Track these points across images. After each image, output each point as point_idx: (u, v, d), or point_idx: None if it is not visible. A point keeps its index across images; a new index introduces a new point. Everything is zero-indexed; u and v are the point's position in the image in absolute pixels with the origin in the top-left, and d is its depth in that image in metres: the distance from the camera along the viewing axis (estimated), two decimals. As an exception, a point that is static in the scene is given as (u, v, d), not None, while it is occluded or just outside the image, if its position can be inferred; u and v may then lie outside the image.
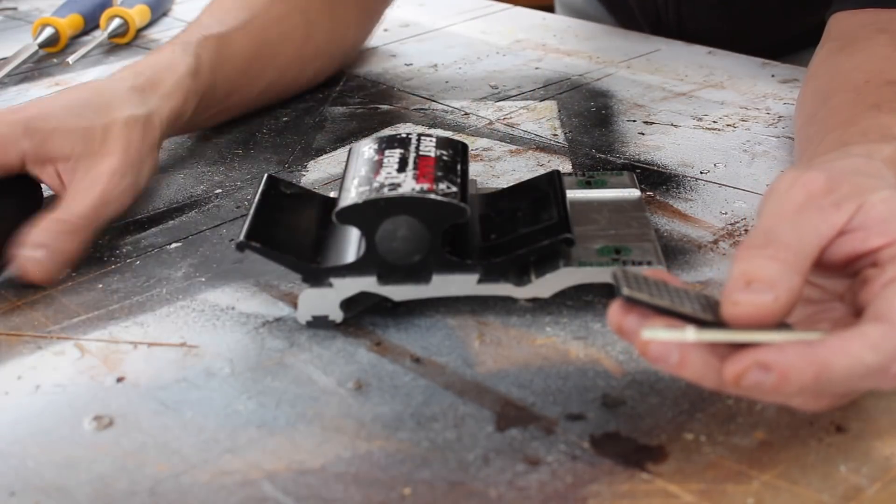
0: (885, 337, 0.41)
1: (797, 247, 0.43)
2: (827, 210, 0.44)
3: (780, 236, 0.43)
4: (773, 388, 0.40)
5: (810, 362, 0.40)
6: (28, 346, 0.54)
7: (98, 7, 1.03)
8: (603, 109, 0.81)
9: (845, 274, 0.46)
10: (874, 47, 0.66)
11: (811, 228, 0.44)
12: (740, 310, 0.42)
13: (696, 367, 0.42)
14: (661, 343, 0.41)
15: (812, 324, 0.46)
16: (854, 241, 0.44)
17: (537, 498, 0.43)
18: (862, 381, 0.42)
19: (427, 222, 0.52)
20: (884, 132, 0.55)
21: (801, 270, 0.43)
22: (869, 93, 0.61)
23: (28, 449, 0.47)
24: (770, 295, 0.41)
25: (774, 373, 0.40)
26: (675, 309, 0.42)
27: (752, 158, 0.72)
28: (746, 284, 0.42)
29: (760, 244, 0.43)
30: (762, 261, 0.42)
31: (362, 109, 0.83)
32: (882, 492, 0.43)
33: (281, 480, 0.44)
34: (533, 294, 0.54)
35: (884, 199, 0.45)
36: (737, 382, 0.41)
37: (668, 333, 0.41)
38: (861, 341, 0.41)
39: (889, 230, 0.44)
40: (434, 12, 1.07)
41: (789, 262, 0.43)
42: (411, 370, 0.51)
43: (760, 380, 0.40)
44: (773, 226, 0.44)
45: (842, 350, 0.40)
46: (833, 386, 0.41)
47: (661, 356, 0.42)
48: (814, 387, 0.41)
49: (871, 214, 0.44)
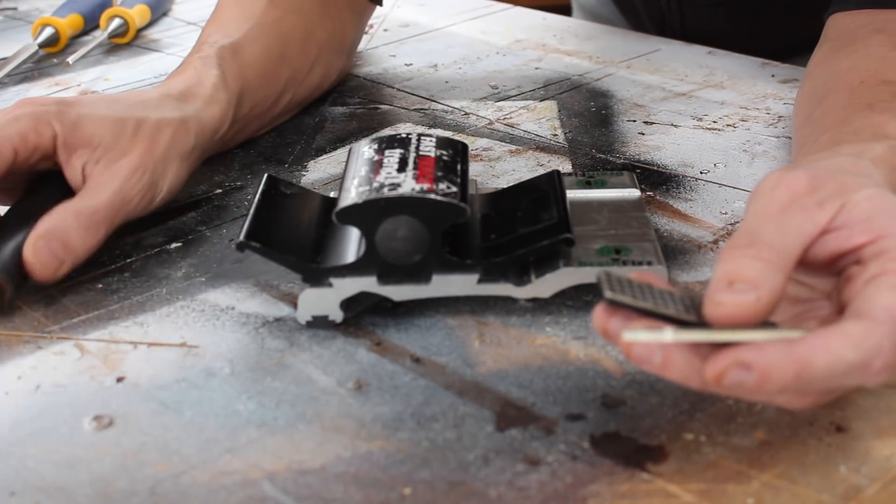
0: (867, 334, 0.41)
1: (780, 246, 0.43)
2: (810, 209, 0.45)
3: (764, 236, 0.44)
4: (754, 387, 0.40)
5: (791, 360, 0.40)
6: (28, 346, 0.54)
7: (98, 7, 1.03)
8: (603, 109, 0.81)
9: (831, 272, 0.46)
10: (870, 48, 0.66)
11: (794, 227, 0.44)
12: (722, 310, 0.42)
13: (680, 367, 0.42)
14: (643, 344, 0.41)
15: (799, 322, 0.46)
16: (838, 240, 0.45)
17: (537, 498, 0.43)
18: (844, 379, 0.42)
19: (427, 222, 0.52)
20: (875, 131, 0.55)
21: (784, 270, 0.43)
22: (863, 93, 0.61)
23: (28, 449, 0.47)
24: (752, 294, 0.42)
25: (755, 372, 0.40)
26: (658, 310, 0.42)
27: (752, 158, 0.72)
28: (729, 284, 0.42)
29: (744, 244, 0.43)
30: (745, 261, 0.43)
31: (362, 109, 0.83)
32: (882, 492, 0.43)
33: (281, 480, 0.44)
34: (533, 294, 0.54)
35: (868, 196, 0.45)
36: (718, 382, 0.41)
37: (647, 335, 0.41)
38: (842, 338, 0.41)
39: (872, 227, 0.44)
40: (434, 12, 1.07)
41: (772, 261, 0.43)
42: (411, 370, 0.51)
43: (741, 379, 0.40)
44: (756, 225, 0.44)
45: (822, 348, 0.41)
46: (815, 383, 0.41)
47: (643, 357, 0.42)
48: (795, 385, 0.41)
49: (855, 212, 0.45)
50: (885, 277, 0.42)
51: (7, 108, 0.60)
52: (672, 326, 0.42)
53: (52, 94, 0.88)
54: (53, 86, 0.90)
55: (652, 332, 0.41)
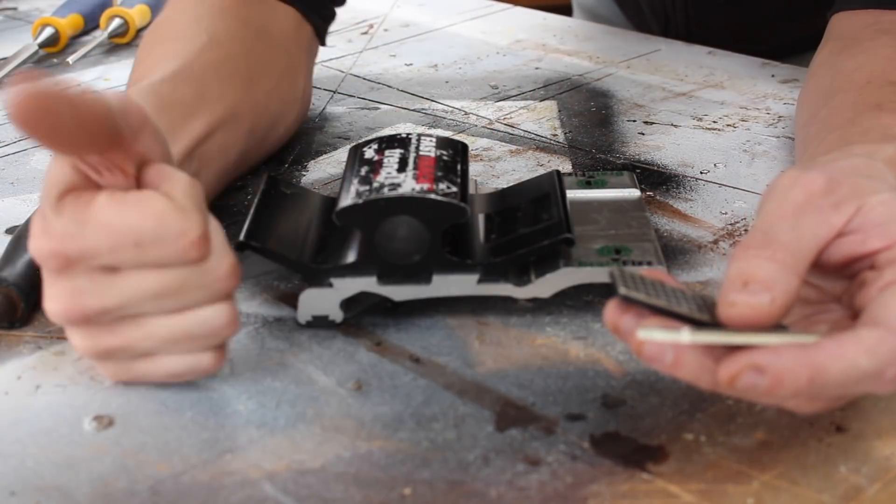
0: (881, 342, 0.41)
1: (795, 248, 0.43)
2: (826, 211, 0.44)
3: (779, 237, 0.43)
4: (767, 390, 0.40)
5: (805, 366, 0.40)
6: (28, 346, 0.54)
7: (98, 7, 1.03)
8: (603, 109, 0.81)
9: (843, 276, 0.46)
10: (876, 48, 0.66)
11: (810, 229, 0.44)
12: (736, 311, 0.41)
13: (691, 367, 0.42)
14: (655, 343, 0.41)
15: (809, 325, 0.45)
16: (852, 244, 0.44)
17: (537, 498, 0.43)
18: (857, 386, 0.41)
19: (427, 222, 0.52)
20: (885, 132, 0.55)
21: (798, 272, 0.43)
22: (870, 93, 0.61)
23: (28, 449, 0.47)
24: (767, 296, 0.41)
25: (768, 376, 0.40)
26: (672, 309, 0.42)
27: (752, 158, 0.72)
28: (743, 285, 0.42)
29: (758, 244, 0.43)
30: (760, 261, 0.42)
31: (362, 109, 0.83)
32: (882, 492, 0.43)
33: (281, 480, 0.44)
34: (533, 294, 0.54)
35: (883, 201, 0.45)
36: (731, 384, 0.41)
37: (664, 334, 0.41)
38: (856, 346, 0.41)
39: (887, 233, 0.44)
40: (434, 12, 1.07)
41: (787, 263, 0.42)
42: (411, 370, 0.51)
43: (754, 382, 0.40)
44: (771, 226, 0.44)
45: (837, 354, 0.40)
46: (827, 390, 0.41)
47: (655, 356, 0.41)
48: (808, 390, 0.40)
49: (870, 217, 0.44)
50: None
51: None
52: (689, 326, 0.41)
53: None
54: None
55: (668, 332, 0.41)
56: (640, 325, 0.42)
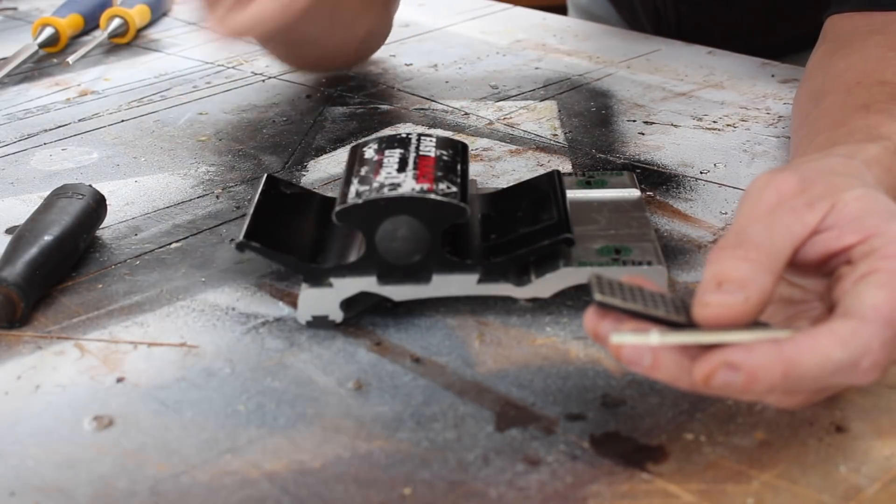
0: (854, 333, 0.41)
1: (769, 247, 0.43)
2: (800, 210, 0.45)
3: (752, 237, 0.44)
4: (742, 387, 0.41)
5: (778, 360, 0.40)
6: (28, 346, 0.54)
7: (98, 7, 1.03)
8: (603, 109, 0.81)
9: (822, 273, 0.46)
10: (867, 49, 0.66)
11: (783, 228, 0.44)
12: (710, 311, 0.42)
13: (669, 368, 0.42)
14: (633, 346, 0.42)
15: (792, 324, 0.46)
16: (828, 240, 0.45)
17: (537, 498, 0.43)
18: (833, 378, 0.42)
19: (427, 222, 0.52)
20: (870, 132, 0.55)
21: (773, 270, 0.43)
22: (860, 93, 0.61)
23: (28, 449, 0.47)
24: (740, 295, 0.42)
25: (742, 372, 0.40)
26: (648, 312, 0.42)
27: (752, 158, 0.72)
28: (717, 286, 0.42)
29: (732, 245, 0.43)
30: (733, 262, 0.43)
31: (362, 109, 0.83)
32: (882, 492, 0.43)
33: (281, 480, 0.44)
34: (533, 294, 0.54)
35: (857, 196, 0.45)
36: (706, 383, 0.41)
37: (634, 337, 0.42)
38: (830, 338, 0.41)
39: (862, 227, 0.44)
40: (434, 12, 1.07)
41: (761, 262, 0.43)
42: (411, 370, 0.51)
43: (729, 380, 0.40)
44: (745, 227, 0.44)
45: (810, 347, 0.41)
46: (803, 383, 0.41)
47: (633, 359, 0.42)
48: (783, 385, 0.41)
49: (844, 213, 0.45)
50: (874, 276, 0.42)
51: None
52: (659, 328, 0.42)
53: (52, 95, 0.88)
54: (53, 86, 0.90)
55: (638, 335, 0.42)
56: (615, 330, 0.42)
